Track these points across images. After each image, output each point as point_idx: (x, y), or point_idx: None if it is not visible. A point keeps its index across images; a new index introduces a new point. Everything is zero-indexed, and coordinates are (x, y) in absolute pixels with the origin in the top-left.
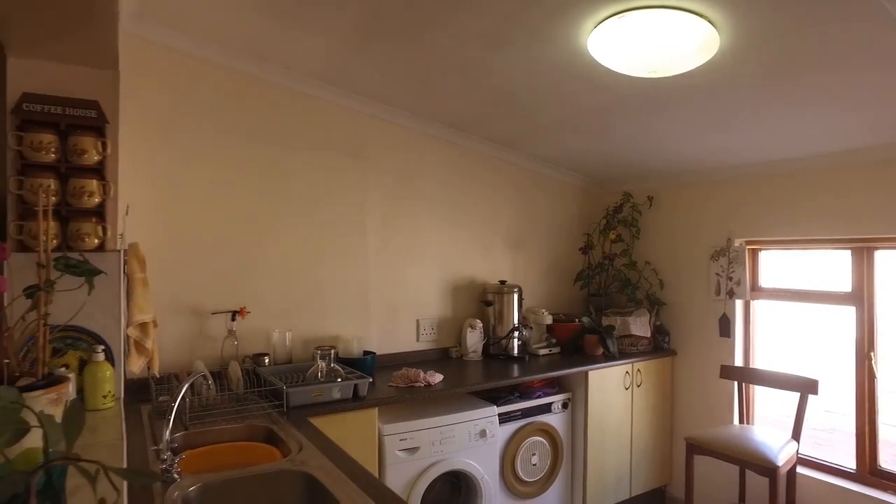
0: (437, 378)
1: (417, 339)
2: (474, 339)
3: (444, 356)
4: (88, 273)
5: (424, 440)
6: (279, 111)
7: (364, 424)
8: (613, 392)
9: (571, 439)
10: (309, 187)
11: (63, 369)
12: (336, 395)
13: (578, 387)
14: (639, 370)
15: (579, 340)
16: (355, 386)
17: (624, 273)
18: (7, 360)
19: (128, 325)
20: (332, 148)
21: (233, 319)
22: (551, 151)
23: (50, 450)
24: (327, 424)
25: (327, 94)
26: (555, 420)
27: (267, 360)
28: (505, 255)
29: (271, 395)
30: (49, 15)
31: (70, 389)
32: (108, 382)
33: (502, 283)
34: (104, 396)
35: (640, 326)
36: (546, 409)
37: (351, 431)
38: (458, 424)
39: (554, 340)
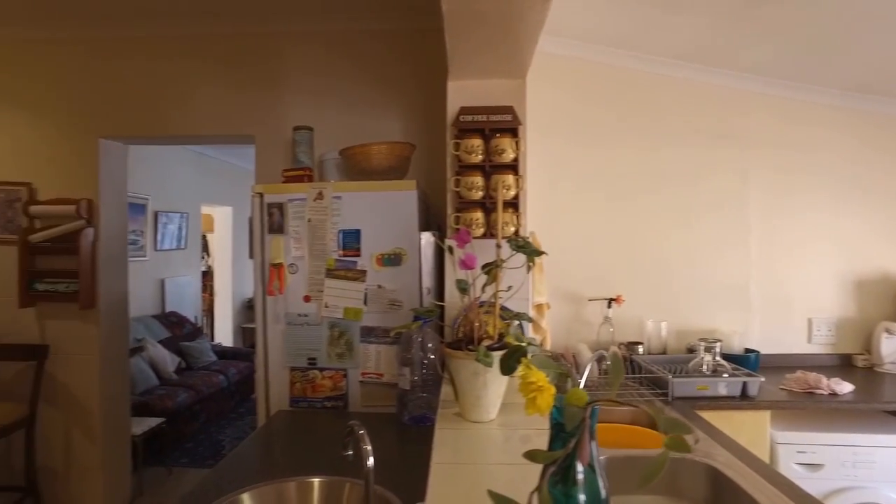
0: (846, 388)
1: (809, 341)
2: (892, 346)
3: (846, 363)
4: (534, 253)
5: (831, 459)
6: (649, 99)
7: (754, 426)
8: None
9: None
10: (684, 174)
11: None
12: (722, 390)
13: None
14: None
15: None
16: (744, 384)
17: None
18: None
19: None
20: (707, 131)
21: (609, 307)
22: None
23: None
24: (712, 420)
25: (699, 75)
26: None
27: (641, 349)
28: None
29: (649, 383)
30: (485, 46)
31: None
32: None
33: None
34: None
35: None
36: None
37: (738, 432)
38: (883, 449)
39: None
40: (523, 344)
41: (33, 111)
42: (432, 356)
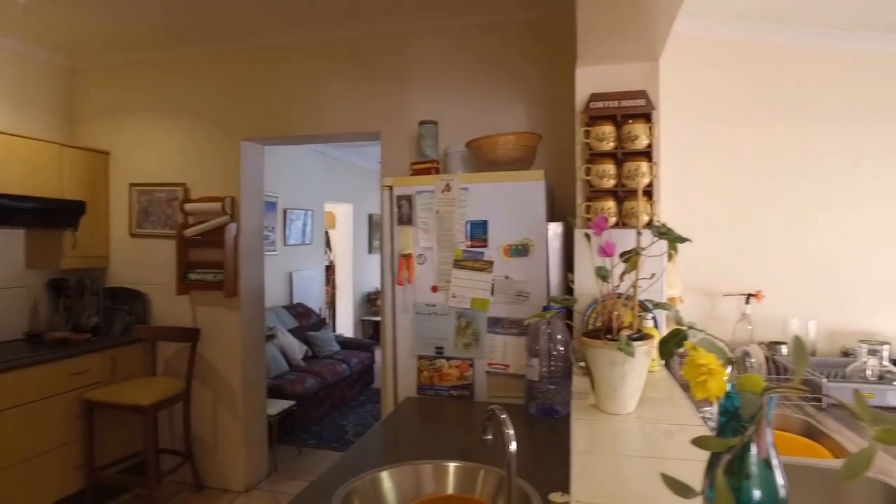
0: None
1: None
2: None
3: None
4: (678, 240)
5: None
6: (797, 75)
7: None
8: None
9: None
10: (841, 157)
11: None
12: (892, 400)
13: None
14: None
15: None
16: None
17: None
18: (617, 314)
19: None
20: (870, 110)
21: (747, 303)
22: None
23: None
24: None
25: (864, 45)
26: None
27: (784, 350)
28: None
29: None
30: (618, 29)
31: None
32: (654, 349)
33: None
34: (652, 360)
35: None
36: None
37: None
38: None
39: None
40: (684, 327)
41: (186, 119)
42: (561, 347)
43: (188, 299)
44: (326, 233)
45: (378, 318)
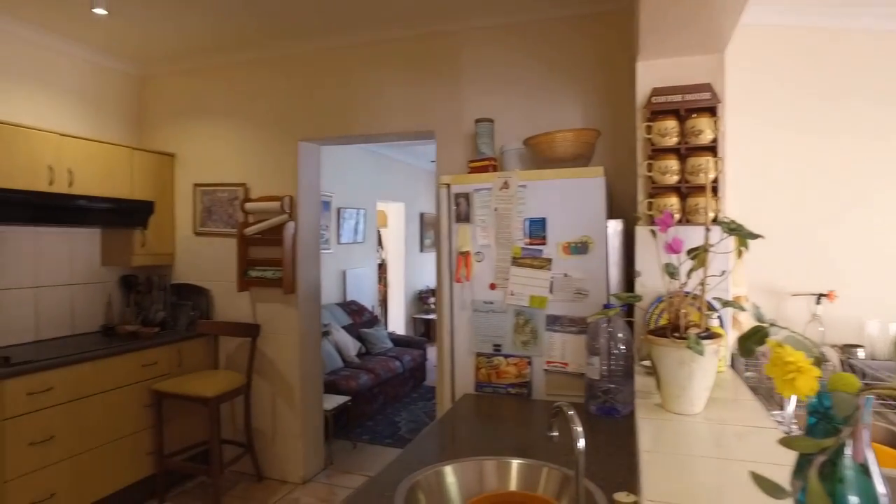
0: None
1: None
2: None
3: None
4: (749, 236)
5: None
6: (876, 64)
7: None
8: None
9: None
10: None
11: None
12: None
13: None
14: None
15: None
16: None
17: None
18: (685, 312)
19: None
20: None
21: (818, 303)
22: None
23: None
24: None
25: None
26: None
27: (861, 353)
28: None
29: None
30: (683, 21)
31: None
32: (723, 349)
33: None
34: (719, 360)
35: None
36: None
37: None
38: None
39: None
40: (765, 324)
41: (247, 121)
42: (622, 346)
43: (248, 296)
44: (378, 231)
45: (429, 317)
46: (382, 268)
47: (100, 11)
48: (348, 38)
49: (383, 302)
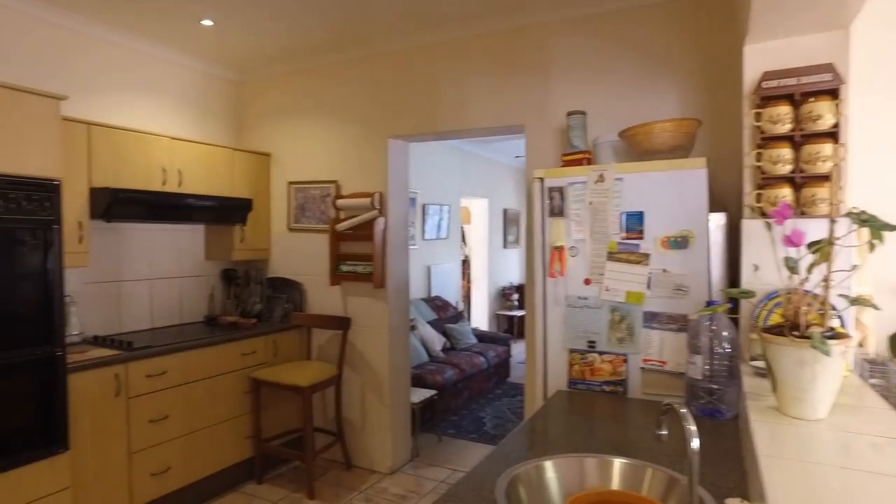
0: None
1: None
2: None
3: None
4: (885, 228)
5: None
6: None
7: None
8: None
9: None
10: None
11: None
12: None
13: None
14: None
15: None
16: None
17: None
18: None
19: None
20: None
21: None
22: None
23: None
24: None
25: None
26: None
27: None
28: None
29: None
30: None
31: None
32: (850, 350)
33: None
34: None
35: None
36: None
37: None
38: None
39: None
40: None
41: (338, 120)
42: (727, 345)
43: (339, 290)
44: (462, 228)
45: (512, 313)
46: (466, 264)
47: (207, 23)
48: (435, 36)
49: (466, 298)
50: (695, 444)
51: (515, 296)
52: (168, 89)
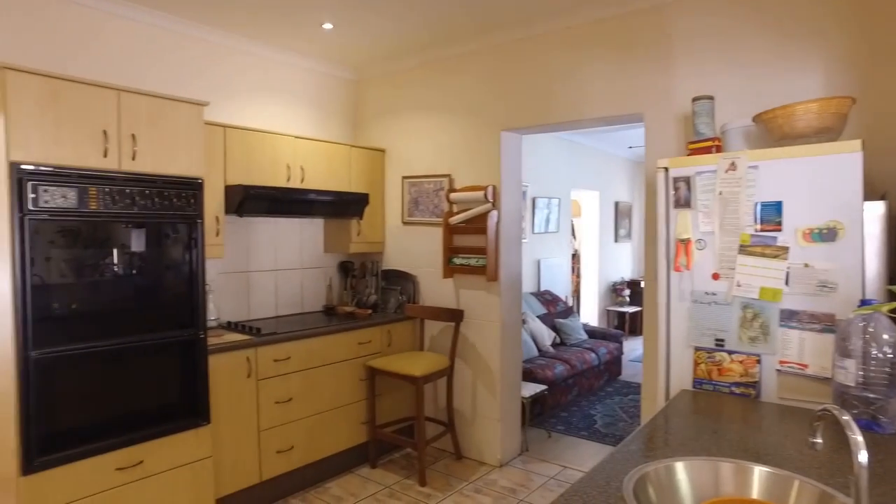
0: None
1: None
2: None
3: None
4: None
5: None
6: None
7: None
8: None
9: None
10: None
11: None
12: None
13: None
14: None
15: None
16: None
17: None
18: None
19: None
20: None
21: None
22: None
23: None
24: None
25: None
26: None
27: None
28: None
29: None
30: None
31: None
32: None
33: None
34: None
35: None
36: None
37: None
38: None
39: None
40: None
41: (450, 114)
42: (887, 349)
43: (452, 282)
44: (572, 221)
45: (624, 309)
46: (575, 258)
47: (327, 26)
48: (547, 25)
49: (576, 293)
50: (862, 457)
51: (627, 291)
52: (292, 91)
